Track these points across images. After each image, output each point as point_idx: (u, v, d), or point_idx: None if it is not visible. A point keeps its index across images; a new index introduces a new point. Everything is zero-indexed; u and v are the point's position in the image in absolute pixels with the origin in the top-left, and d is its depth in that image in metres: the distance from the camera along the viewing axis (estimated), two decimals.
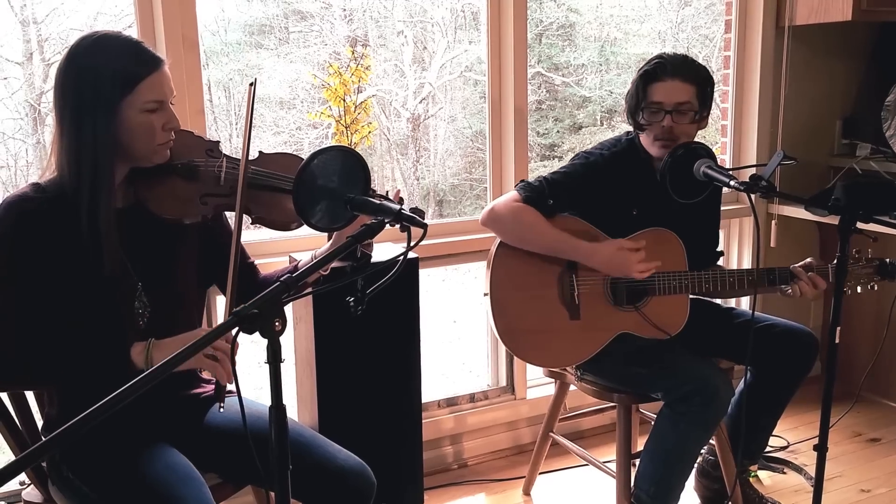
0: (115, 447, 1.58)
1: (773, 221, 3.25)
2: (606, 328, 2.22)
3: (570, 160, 2.29)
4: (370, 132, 2.28)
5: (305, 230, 1.82)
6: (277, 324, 1.17)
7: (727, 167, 3.22)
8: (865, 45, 3.41)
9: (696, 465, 2.51)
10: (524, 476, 2.72)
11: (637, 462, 2.26)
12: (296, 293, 1.21)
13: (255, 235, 2.59)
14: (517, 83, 2.76)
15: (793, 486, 2.71)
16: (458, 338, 4.87)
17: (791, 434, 3.03)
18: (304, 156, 1.58)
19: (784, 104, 3.24)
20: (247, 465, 1.56)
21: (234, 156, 1.73)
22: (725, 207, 3.28)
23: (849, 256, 2.24)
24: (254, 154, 1.73)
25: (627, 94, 2.23)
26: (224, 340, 1.49)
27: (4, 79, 3.77)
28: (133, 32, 2.26)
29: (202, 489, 1.53)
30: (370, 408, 2.28)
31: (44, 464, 1.66)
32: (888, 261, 2.18)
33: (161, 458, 1.57)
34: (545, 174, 2.25)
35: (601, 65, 5.52)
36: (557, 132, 5.59)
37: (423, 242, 1.45)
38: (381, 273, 1.34)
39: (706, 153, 2.15)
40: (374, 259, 2.21)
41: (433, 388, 2.89)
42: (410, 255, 1.63)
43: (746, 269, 2.26)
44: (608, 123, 5.50)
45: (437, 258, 2.75)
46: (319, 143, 4.53)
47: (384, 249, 2.34)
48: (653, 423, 2.22)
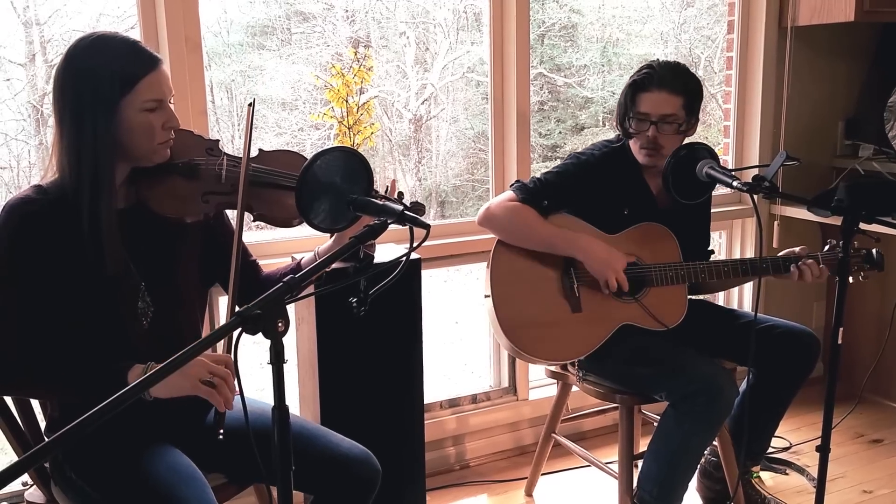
0: (118, 448, 1.58)
1: (776, 222, 3.25)
2: (608, 320, 2.22)
3: (563, 161, 2.34)
4: (372, 133, 2.28)
5: (307, 230, 1.82)
6: (280, 324, 1.17)
7: (730, 168, 3.23)
8: (868, 46, 3.41)
9: (699, 466, 2.51)
10: (526, 477, 2.72)
11: (639, 463, 2.26)
12: (298, 294, 1.21)
13: (258, 236, 2.59)
14: (519, 84, 2.76)
15: (795, 487, 2.71)
16: (461, 339, 4.87)
17: (793, 435, 3.02)
18: (307, 157, 1.59)
19: (786, 105, 3.24)
20: (251, 464, 1.56)
21: (234, 154, 1.73)
22: (728, 208, 3.29)
23: (836, 248, 2.26)
24: (254, 152, 1.74)
25: (618, 101, 2.28)
26: (224, 366, 1.47)
27: (7, 80, 3.77)
28: (136, 34, 2.26)
29: (204, 489, 1.53)
30: (372, 408, 2.29)
31: (46, 465, 1.67)
32: (874, 250, 2.18)
33: (163, 459, 1.57)
34: (539, 175, 2.29)
35: (603, 66, 5.52)
36: (559, 133, 5.58)
37: (426, 243, 1.45)
38: (384, 274, 1.34)
39: (709, 154, 2.17)
40: (377, 260, 2.21)
41: (435, 389, 2.89)
42: (413, 256, 1.63)
43: (740, 259, 2.28)
44: (610, 124, 5.49)
45: (440, 259, 2.75)
46: (322, 145, 4.54)
47: (387, 250, 2.34)
48: (656, 424, 2.22)
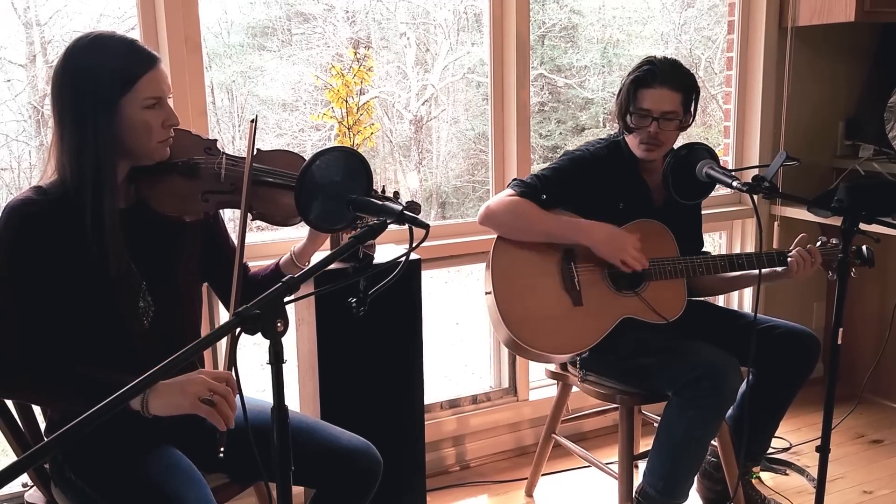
0: (118, 449, 1.58)
1: (776, 222, 3.25)
2: (609, 313, 2.23)
3: (559, 158, 2.35)
4: (372, 133, 2.28)
5: (307, 230, 1.82)
6: (279, 325, 1.17)
7: (730, 168, 3.23)
8: (868, 47, 3.41)
9: (703, 460, 2.50)
10: (526, 478, 2.72)
11: (640, 463, 2.26)
12: (295, 294, 1.21)
13: (257, 237, 2.59)
14: (520, 85, 2.76)
15: (795, 488, 2.71)
16: (461, 339, 4.87)
17: (793, 435, 3.02)
18: (307, 157, 1.59)
19: (787, 105, 3.24)
20: (253, 464, 1.56)
21: (233, 154, 1.74)
22: (728, 209, 3.29)
23: (827, 243, 2.27)
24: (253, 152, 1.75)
25: (617, 96, 2.29)
26: (225, 383, 1.45)
27: (8, 81, 3.77)
28: (136, 34, 2.27)
29: (204, 490, 1.53)
30: (373, 409, 2.29)
31: (46, 465, 1.67)
32: (864, 247, 2.19)
33: (163, 460, 1.57)
34: (536, 171, 2.31)
35: (604, 66, 5.51)
36: (560, 134, 5.58)
37: (426, 244, 1.45)
38: (384, 274, 1.34)
39: (709, 154, 2.18)
40: (377, 260, 2.21)
41: (435, 390, 2.89)
42: (413, 257, 1.63)
43: (737, 254, 2.29)
44: (611, 125, 5.48)
45: (440, 260, 2.75)
46: (322, 145, 4.54)
47: (386, 250, 2.34)
48: (657, 424, 2.22)
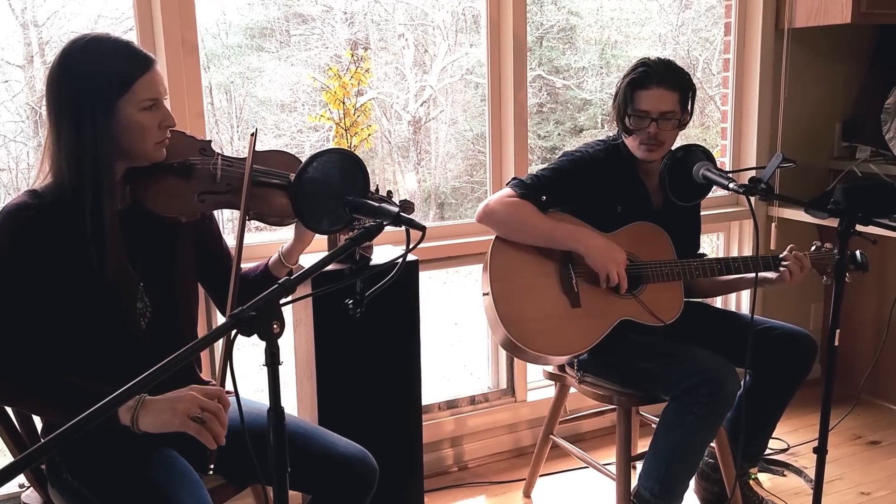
0: (115, 450, 1.58)
1: (773, 224, 3.25)
2: (607, 315, 2.23)
3: (558, 159, 2.35)
4: (370, 135, 2.28)
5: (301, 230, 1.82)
6: (275, 326, 1.17)
7: (726, 169, 3.24)
8: (865, 48, 3.41)
9: (698, 467, 2.51)
10: (524, 478, 2.72)
11: (638, 464, 2.26)
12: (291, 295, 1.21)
13: (255, 238, 2.59)
14: (517, 86, 2.77)
15: (793, 489, 2.71)
16: (459, 340, 4.87)
17: (791, 436, 3.02)
18: (304, 159, 1.59)
19: (784, 106, 3.24)
20: (249, 466, 1.56)
21: (228, 154, 1.74)
22: (725, 210, 3.29)
23: (821, 248, 2.28)
24: (245, 153, 1.75)
25: (615, 99, 2.29)
26: (216, 400, 1.44)
27: (6, 82, 3.77)
28: (133, 36, 2.27)
29: (200, 491, 1.53)
30: (370, 410, 2.29)
31: (43, 466, 1.67)
32: (858, 252, 2.19)
33: (160, 461, 1.57)
34: (535, 172, 2.31)
35: (602, 68, 5.52)
36: (558, 135, 5.58)
37: (424, 245, 1.45)
38: (380, 275, 1.34)
39: (705, 155, 2.18)
40: (374, 262, 2.21)
41: (434, 391, 2.89)
42: (410, 258, 1.63)
43: (733, 257, 2.29)
44: (609, 126, 5.48)
45: (438, 260, 2.75)
46: (320, 146, 4.53)
47: (384, 252, 2.34)
48: (655, 425, 2.22)
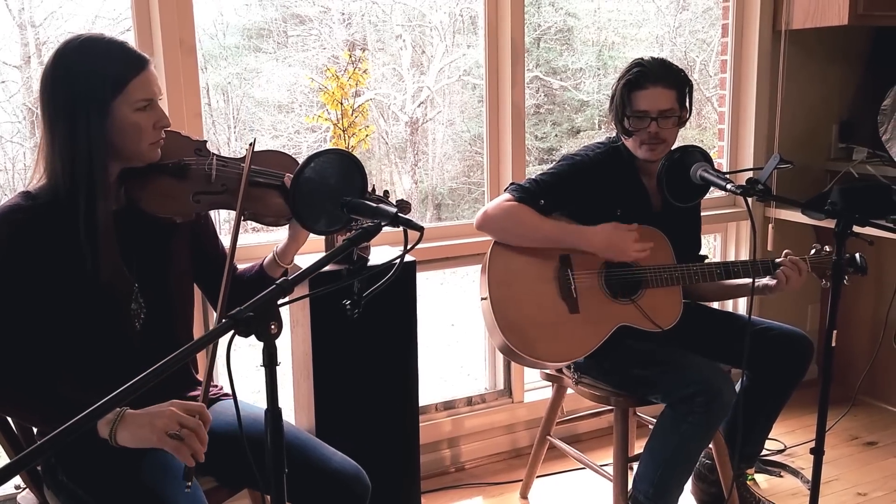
0: (110, 451, 1.58)
1: (770, 225, 3.25)
2: (606, 320, 2.23)
3: (557, 162, 2.34)
4: (367, 135, 2.28)
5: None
6: (273, 327, 1.16)
7: (724, 171, 3.24)
8: (862, 50, 3.42)
9: (694, 469, 2.51)
10: (521, 479, 2.72)
11: (635, 465, 2.26)
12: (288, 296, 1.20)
13: (251, 239, 2.59)
14: (515, 87, 2.77)
15: (789, 490, 2.71)
16: (457, 341, 4.87)
17: (788, 437, 3.03)
18: (301, 160, 1.59)
19: (781, 108, 3.25)
20: (243, 469, 1.56)
21: (224, 155, 1.74)
22: (722, 211, 3.30)
23: (821, 251, 2.27)
24: (242, 153, 1.76)
25: (612, 101, 2.28)
26: (197, 416, 1.43)
27: (2, 82, 3.76)
28: (130, 36, 2.27)
29: (195, 492, 1.53)
30: (368, 411, 2.28)
31: (39, 468, 1.66)
32: (857, 255, 2.20)
33: (156, 462, 1.57)
34: (534, 176, 2.30)
35: (599, 69, 5.52)
36: (555, 136, 5.58)
37: (421, 246, 1.44)
38: (378, 276, 1.34)
39: (703, 156, 2.18)
40: (371, 262, 2.21)
41: (431, 392, 2.89)
42: (407, 259, 1.63)
43: (732, 262, 2.29)
44: (606, 127, 5.49)
45: (435, 261, 2.75)
46: (318, 147, 4.53)
47: (381, 252, 2.34)
48: (652, 426, 2.22)
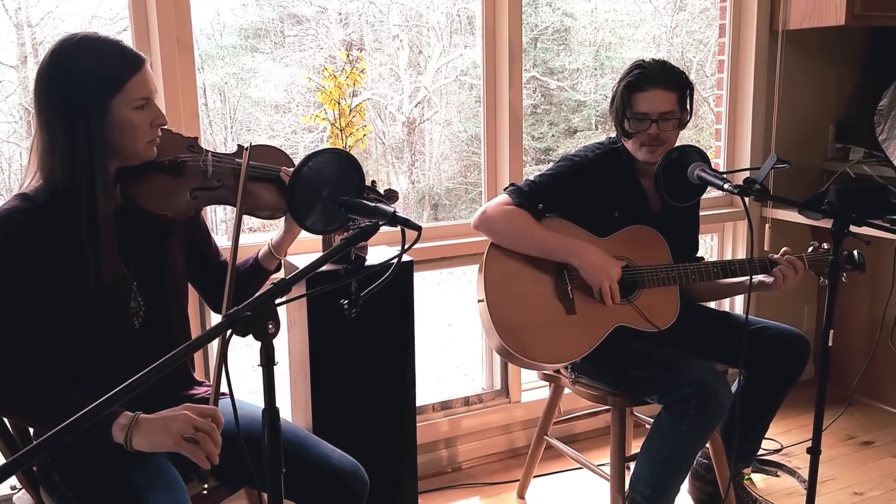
0: (105, 455, 1.55)
1: (767, 225, 3.26)
2: (603, 321, 2.22)
3: (556, 163, 2.34)
4: (365, 135, 2.28)
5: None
6: (271, 326, 1.16)
7: (721, 170, 3.24)
8: (859, 50, 3.42)
9: (691, 469, 2.51)
10: (518, 479, 2.72)
11: (632, 465, 2.26)
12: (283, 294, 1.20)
13: (248, 239, 2.59)
14: (512, 87, 2.77)
15: (786, 489, 2.71)
16: (453, 341, 4.87)
17: (784, 437, 3.03)
18: (298, 160, 1.59)
19: (778, 108, 3.25)
20: (241, 468, 1.55)
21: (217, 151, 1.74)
22: (719, 211, 3.30)
23: (819, 248, 2.27)
24: (234, 148, 1.77)
25: (612, 103, 2.28)
26: (210, 419, 1.45)
27: None
28: (127, 35, 2.26)
29: (180, 497, 1.51)
30: (365, 411, 2.28)
31: (35, 468, 1.65)
32: (856, 252, 2.20)
33: (148, 468, 1.53)
34: (533, 177, 2.30)
35: (596, 69, 5.53)
36: (552, 136, 5.59)
37: (418, 246, 1.44)
38: (376, 276, 1.34)
39: (700, 156, 2.18)
40: (369, 262, 2.21)
41: (428, 392, 2.89)
42: (405, 258, 1.63)
43: (728, 260, 2.29)
44: (603, 128, 5.50)
45: (432, 261, 2.75)
46: (315, 147, 4.53)
47: (379, 252, 2.34)
48: (649, 427, 2.22)
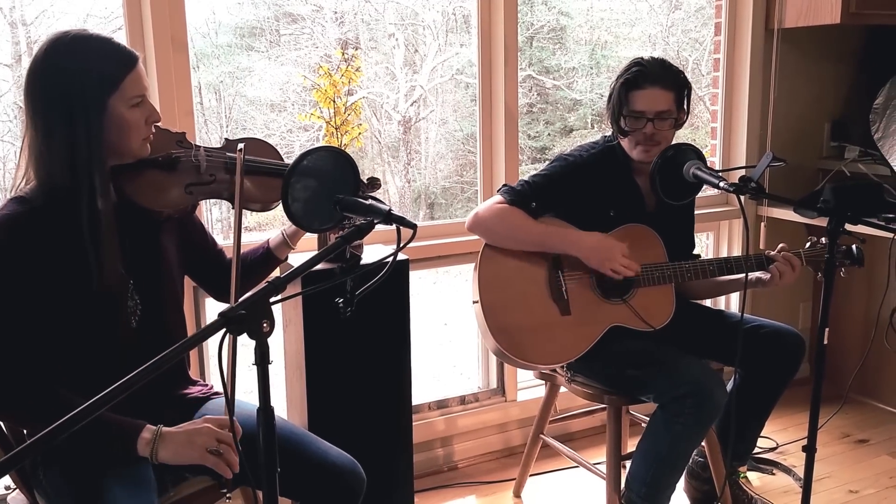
0: (83, 463, 1.53)
1: (763, 223, 3.26)
2: (598, 321, 2.22)
3: (550, 163, 2.33)
4: (360, 133, 2.28)
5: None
6: (265, 325, 1.16)
7: (716, 169, 3.24)
8: (854, 48, 3.43)
9: (686, 467, 2.51)
10: (514, 478, 2.71)
11: (628, 463, 2.26)
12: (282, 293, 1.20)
13: (250, 237, 2.58)
14: (508, 86, 2.76)
15: (782, 487, 2.72)
16: (449, 340, 4.87)
17: (780, 435, 3.03)
18: (293, 159, 1.58)
19: (773, 106, 3.26)
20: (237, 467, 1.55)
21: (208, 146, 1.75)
22: (715, 209, 3.30)
23: (817, 244, 2.27)
24: (223, 143, 1.77)
25: (609, 100, 2.27)
26: (227, 430, 1.48)
27: None
28: (122, 34, 2.26)
29: (144, 499, 1.50)
30: (361, 410, 2.28)
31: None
32: (854, 246, 2.19)
33: (125, 477, 1.52)
34: (526, 177, 2.29)
35: (592, 68, 5.53)
36: (548, 135, 5.59)
37: (414, 244, 1.44)
38: (371, 274, 1.33)
39: (696, 154, 2.18)
40: (364, 261, 2.20)
41: (424, 391, 2.88)
42: (400, 257, 1.63)
43: (724, 258, 2.29)
44: (599, 126, 5.50)
45: (428, 260, 2.75)
46: (310, 146, 4.53)
47: (374, 251, 2.34)
48: (645, 425, 2.22)
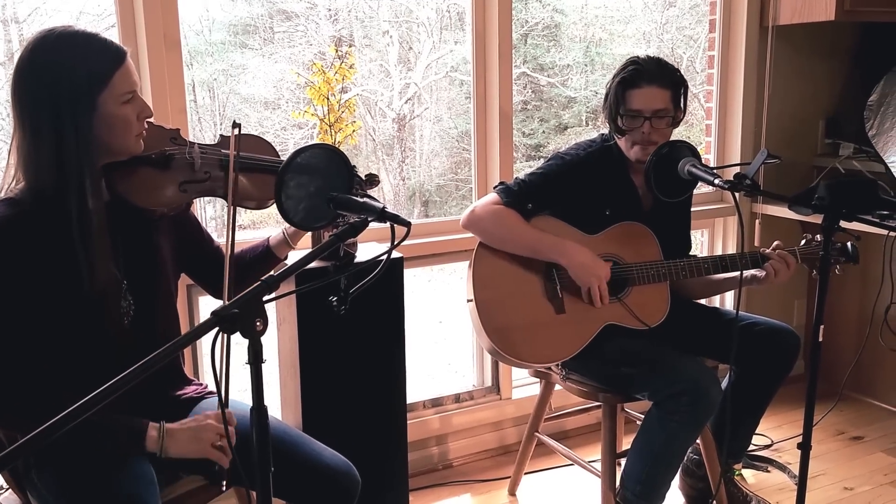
0: (86, 463, 1.52)
1: (757, 220, 3.26)
2: (592, 320, 2.22)
3: (546, 161, 2.33)
4: (354, 131, 2.27)
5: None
6: (259, 324, 1.15)
7: (711, 166, 3.24)
8: (848, 45, 3.43)
9: (681, 465, 2.51)
10: (509, 476, 2.71)
11: (622, 461, 2.26)
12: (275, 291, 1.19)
13: (248, 234, 2.57)
14: (502, 83, 2.76)
15: (777, 485, 2.72)
16: (444, 338, 4.86)
17: (775, 432, 3.04)
18: (287, 156, 1.57)
19: (768, 104, 3.26)
20: (231, 467, 1.55)
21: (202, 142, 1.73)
22: (709, 207, 3.30)
23: (812, 241, 2.27)
24: (219, 140, 1.76)
25: (605, 100, 2.27)
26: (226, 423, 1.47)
27: None
28: (114, 32, 2.25)
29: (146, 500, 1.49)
30: (355, 409, 2.27)
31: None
32: (849, 244, 2.19)
33: (132, 474, 1.50)
34: (522, 176, 2.29)
35: (586, 65, 5.53)
36: (543, 132, 5.58)
37: (408, 242, 1.43)
38: (365, 272, 1.33)
39: (691, 152, 2.18)
40: (358, 258, 2.20)
41: (418, 389, 2.88)
42: (395, 255, 1.62)
43: (720, 256, 2.29)
44: (593, 124, 5.50)
45: (423, 258, 2.74)
46: (304, 143, 4.52)
47: (368, 249, 2.33)
48: (640, 423, 2.22)
